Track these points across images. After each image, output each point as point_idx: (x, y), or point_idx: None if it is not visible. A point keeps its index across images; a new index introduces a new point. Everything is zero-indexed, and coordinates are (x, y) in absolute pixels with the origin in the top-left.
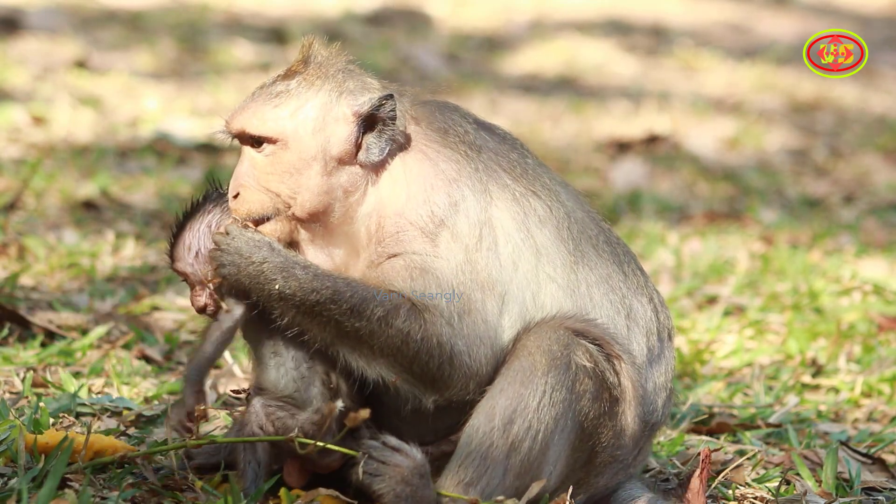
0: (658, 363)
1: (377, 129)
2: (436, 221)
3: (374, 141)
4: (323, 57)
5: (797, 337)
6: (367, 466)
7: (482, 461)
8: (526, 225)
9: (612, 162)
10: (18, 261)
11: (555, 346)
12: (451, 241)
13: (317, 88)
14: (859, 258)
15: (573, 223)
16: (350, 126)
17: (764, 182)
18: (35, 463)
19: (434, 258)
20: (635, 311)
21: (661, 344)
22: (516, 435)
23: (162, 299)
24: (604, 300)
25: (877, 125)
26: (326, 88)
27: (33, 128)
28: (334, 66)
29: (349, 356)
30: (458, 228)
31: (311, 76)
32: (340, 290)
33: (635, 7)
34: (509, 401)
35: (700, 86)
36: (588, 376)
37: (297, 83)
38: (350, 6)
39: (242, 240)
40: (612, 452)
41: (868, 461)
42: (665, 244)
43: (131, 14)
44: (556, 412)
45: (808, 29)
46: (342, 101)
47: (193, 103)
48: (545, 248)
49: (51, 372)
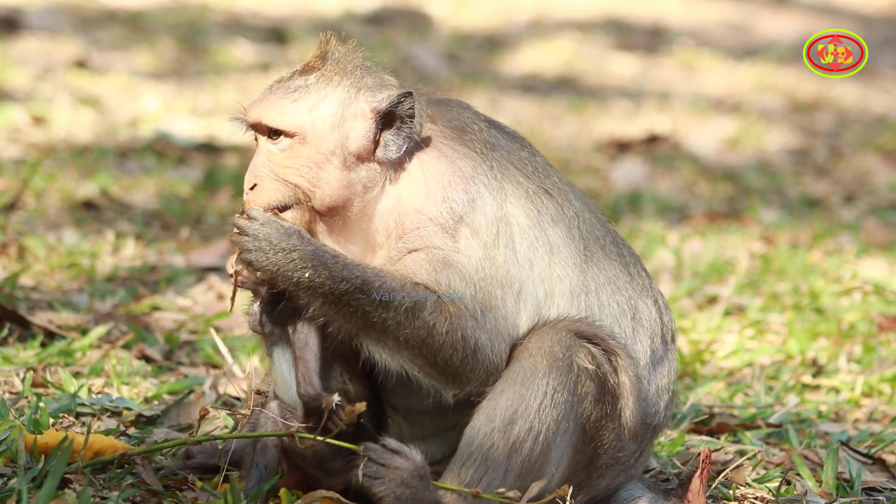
0: (661, 365)
1: (395, 127)
2: (455, 218)
3: (392, 138)
4: (340, 53)
5: (798, 337)
6: (366, 469)
7: (483, 462)
8: (540, 223)
9: (612, 162)
10: (18, 261)
11: (556, 347)
12: (470, 238)
13: (335, 84)
14: (860, 258)
15: (582, 223)
16: (368, 122)
17: (764, 182)
18: (35, 463)
19: (455, 253)
20: (640, 312)
21: (665, 346)
22: (517, 436)
23: (162, 299)
24: (611, 301)
25: (877, 125)
26: (345, 84)
27: (33, 128)
28: (352, 62)
29: (373, 347)
30: (477, 224)
31: (330, 72)
32: (370, 279)
33: (635, 7)
34: (510, 402)
35: (700, 86)
36: (590, 378)
37: (316, 79)
38: (350, 6)
39: (272, 227)
40: (615, 454)
41: (868, 461)
42: (665, 244)
43: (131, 14)
44: (558, 414)
45: (808, 29)
46: (360, 98)
47: (193, 103)
48: (557, 247)
49: (51, 372)
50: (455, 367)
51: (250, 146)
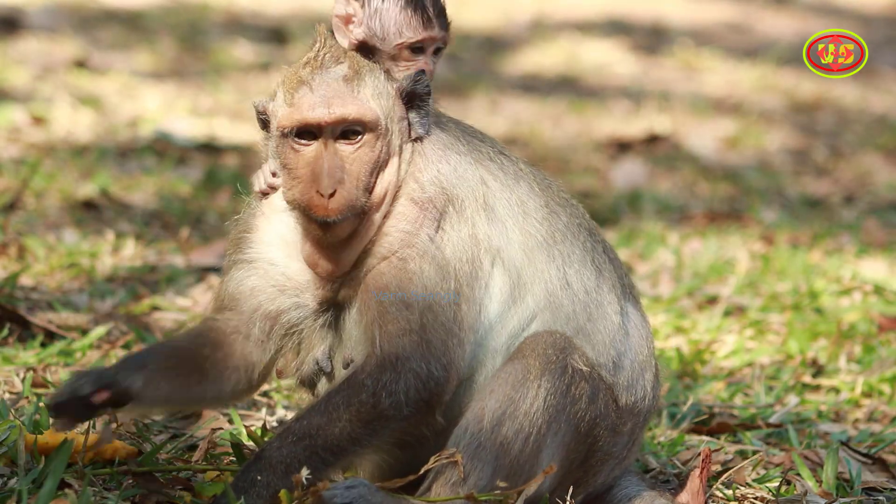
0: (633, 332)
1: (416, 106)
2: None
3: (416, 117)
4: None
5: (797, 337)
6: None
7: (470, 461)
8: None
9: (612, 162)
10: (18, 261)
11: (550, 350)
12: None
13: (368, 69)
14: (860, 258)
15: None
16: (400, 104)
17: (764, 182)
18: (35, 463)
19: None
20: (603, 271)
21: (636, 308)
22: (505, 436)
23: (162, 299)
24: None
25: (877, 125)
26: (373, 68)
27: (33, 128)
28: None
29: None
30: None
31: (353, 57)
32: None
33: (635, 7)
34: (499, 404)
35: (700, 86)
36: (584, 380)
37: (349, 65)
38: None
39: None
40: (609, 450)
41: (868, 461)
42: (665, 244)
43: (131, 14)
44: (549, 416)
45: (808, 29)
46: (387, 81)
47: (193, 103)
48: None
49: (51, 372)
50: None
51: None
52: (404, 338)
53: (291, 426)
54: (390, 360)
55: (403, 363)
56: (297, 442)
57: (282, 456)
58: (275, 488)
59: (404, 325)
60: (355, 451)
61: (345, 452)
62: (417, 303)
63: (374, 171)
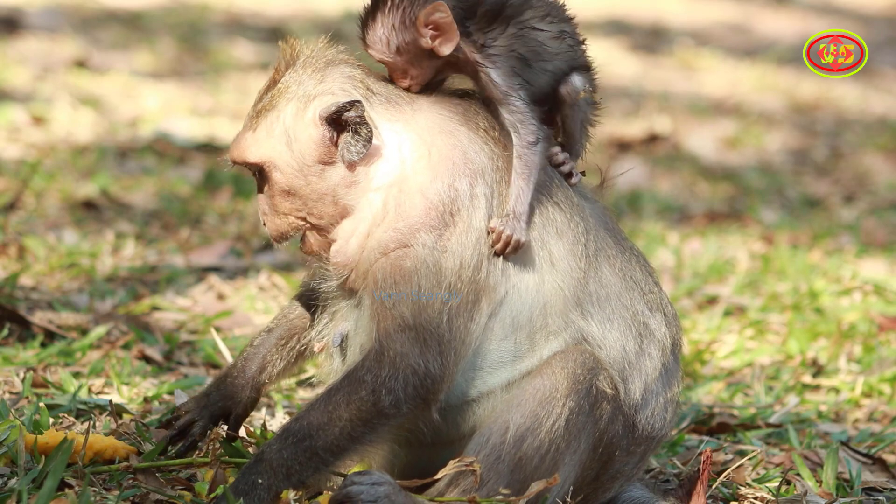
0: (672, 378)
1: (350, 130)
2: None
3: (350, 141)
4: (305, 57)
5: (798, 337)
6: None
7: (487, 471)
8: (542, 236)
9: (612, 162)
10: (18, 261)
11: (579, 369)
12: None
13: (288, 97)
14: (860, 258)
15: (592, 239)
16: (320, 129)
17: (764, 182)
18: (35, 463)
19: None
20: (651, 327)
21: (675, 358)
22: (525, 452)
23: (162, 299)
24: (615, 316)
25: (877, 125)
26: (299, 94)
27: (33, 128)
28: (313, 65)
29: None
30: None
31: (287, 82)
32: None
33: (635, 7)
34: (524, 419)
35: (700, 86)
36: (607, 401)
37: (271, 96)
38: (350, 6)
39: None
40: (621, 468)
41: (868, 461)
42: (665, 244)
43: (131, 14)
44: (570, 435)
45: (808, 29)
46: (311, 106)
47: (193, 103)
48: (559, 260)
49: (51, 372)
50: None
51: None
52: (402, 334)
53: (291, 426)
54: (389, 355)
55: (402, 359)
56: (297, 443)
57: (282, 458)
58: (276, 491)
59: (401, 322)
60: (355, 450)
61: (345, 452)
62: (413, 300)
63: (300, 197)
